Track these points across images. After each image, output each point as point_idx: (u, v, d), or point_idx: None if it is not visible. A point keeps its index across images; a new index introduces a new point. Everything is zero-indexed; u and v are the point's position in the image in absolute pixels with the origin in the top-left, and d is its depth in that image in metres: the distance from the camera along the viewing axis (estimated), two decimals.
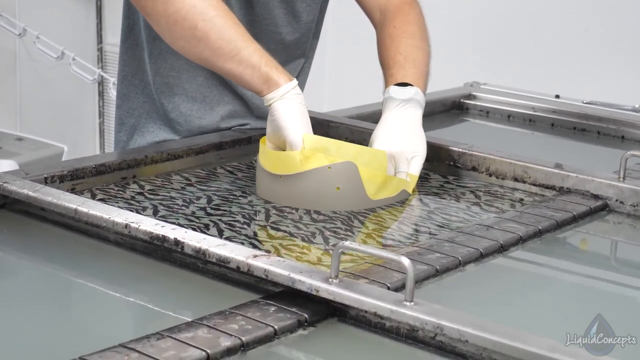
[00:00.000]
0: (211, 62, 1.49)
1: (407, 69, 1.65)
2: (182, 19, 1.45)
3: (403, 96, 1.59)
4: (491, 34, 3.15)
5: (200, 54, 1.49)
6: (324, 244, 1.32)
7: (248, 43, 1.48)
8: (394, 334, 1.07)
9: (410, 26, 1.73)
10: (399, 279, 1.17)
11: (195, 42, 1.47)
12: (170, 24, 1.47)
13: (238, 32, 1.48)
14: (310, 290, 1.10)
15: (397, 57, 1.67)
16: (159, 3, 1.46)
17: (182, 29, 1.46)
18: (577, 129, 2.10)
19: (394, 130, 1.57)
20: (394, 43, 1.70)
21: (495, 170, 1.65)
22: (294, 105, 1.46)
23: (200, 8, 1.45)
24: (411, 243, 1.34)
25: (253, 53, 1.47)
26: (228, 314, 1.07)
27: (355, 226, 1.40)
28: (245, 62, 1.47)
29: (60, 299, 1.23)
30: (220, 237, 1.32)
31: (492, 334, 1.00)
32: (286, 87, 1.46)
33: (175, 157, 1.62)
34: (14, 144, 3.73)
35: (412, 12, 1.77)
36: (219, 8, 1.48)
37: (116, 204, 1.43)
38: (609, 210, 1.54)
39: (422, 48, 1.70)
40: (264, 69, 1.47)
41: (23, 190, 1.38)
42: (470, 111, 2.23)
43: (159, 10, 1.46)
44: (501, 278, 1.31)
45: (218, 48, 1.46)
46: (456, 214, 1.47)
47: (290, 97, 1.46)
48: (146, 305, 1.19)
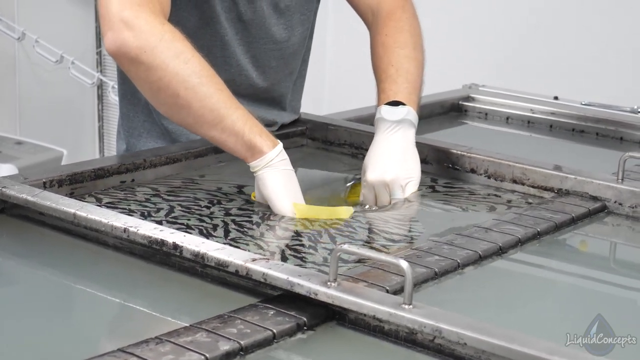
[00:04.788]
0: (194, 128, 1.49)
1: (399, 83, 1.64)
2: (164, 87, 1.44)
3: (395, 117, 1.58)
4: (489, 35, 3.15)
5: (183, 120, 1.49)
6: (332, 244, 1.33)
7: (231, 110, 1.46)
8: (392, 337, 1.07)
9: (402, 34, 1.72)
10: (397, 282, 1.17)
11: (177, 109, 1.46)
12: (154, 91, 1.46)
13: (221, 99, 1.45)
14: (309, 294, 1.10)
15: (389, 69, 1.66)
16: (142, 70, 1.44)
17: (165, 97, 1.45)
18: (575, 130, 2.10)
19: (387, 156, 1.57)
20: (386, 53, 1.69)
21: (494, 173, 1.65)
22: (279, 174, 1.46)
23: (182, 76, 1.43)
24: (407, 246, 1.34)
25: (236, 120, 1.45)
26: (227, 318, 1.07)
27: (358, 227, 1.41)
28: (228, 130, 1.45)
29: (59, 304, 1.23)
30: (225, 238, 1.34)
31: (490, 336, 1.00)
32: (270, 154, 1.45)
33: (174, 160, 1.62)
34: (13, 147, 3.73)
35: (405, 16, 1.75)
36: (202, 75, 1.45)
37: (128, 206, 1.44)
38: (608, 211, 1.54)
39: (414, 58, 1.69)
40: (247, 136, 1.45)
41: (22, 194, 1.38)
42: (468, 113, 2.23)
43: (142, 77, 1.45)
44: (500, 280, 1.31)
45: (201, 116, 1.45)
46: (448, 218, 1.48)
47: (275, 164, 1.46)
48: (145, 309, 1.19)
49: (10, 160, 3.48)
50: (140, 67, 1.43)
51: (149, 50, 1.42)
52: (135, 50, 1.42)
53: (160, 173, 1.61)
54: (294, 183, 1.47)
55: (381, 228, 1.43)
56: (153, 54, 1.42)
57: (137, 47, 1.42)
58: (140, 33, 1.42)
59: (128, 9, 1.42)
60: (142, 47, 1.42)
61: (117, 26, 1.42)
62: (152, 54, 1.42)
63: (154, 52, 1.42)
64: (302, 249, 1.32)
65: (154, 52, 1.42)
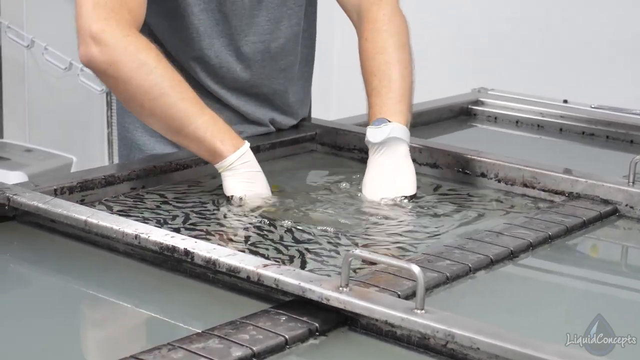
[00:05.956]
0: (164, 134, 1.59)
1: (382, 95, 1.63)
2: (130, 98, 1.53)
3: (378, 139, 1.58)
4: (498, 39, 3.14)
5: (152, 127, 1.60)
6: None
7: (193, 118, 1.52)
8: (405, 342, 1.06)
9: (380, 36, 1.68)
10: (409, 286, 1.16)
11: (145, 118, 1.56)
12: (124, 101, 1.56)
13: (183, 107, 1.52)
14: (320, 299, 1.10)
15: (373, 81, 1.65)
16: (110, 82, 1.53)
17: (133, 106, 1.55)
18: (585, 133, 2.09)
19: (378, 179, 1.58)
20: (368, 61, 1.68)
21: (505, 177, 1.64)
22: (239, 176, 1.52)
23: (144, 88, 1.50)
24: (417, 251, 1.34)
25: (199, 127, 1.51)
26: (239, 324, 1.07)
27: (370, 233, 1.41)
28: (190, 137, 1.53)
29: (71, 310, 1.23)
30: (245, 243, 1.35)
31: (503, 341, 1.00)
32: (230, 158, 1.52)
33: (184, 167, 1.62)
34: (22, 155, 3.74)
35: (382, 13, 1.70)
36: (164, 85, 1.51)
37: (140, 214, 1.45)
38: (619, 215, 1.53)
39: (397, 60, 1.66)
40: (208, 142, 1.52)
41: (33, 202, 1.38)
42: (478, 117, 2.23)
43: (112, 88, 1.56)
44: (511, 285, 1.30)
45: (165, 124, 1.54)
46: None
47: (236, 166, 1.52)
48: (157, 315, 1.19)
49: (20, 167, 3.49)
50: (109, 80, 1.53)
51: (113, 64, 1.50)
52: (101, 65, 1.51)
53: (170, 179, 1.61)
54: (255, 183, 1.53)
55: (397, 232, 1.43)
56: (117, 68, 1.51)
57: (103, 61, 1.50)
58: (105, 47, 1.50)
59: (95, 22, 1.51)
60: (107, 62, 1.50)
61: (86, 41, 1.51)
62: (116, 67, 1.51)
63: (117, 66, 1.50)
64: (322, 253, 1.32)
65: (118, 65, 1.50)
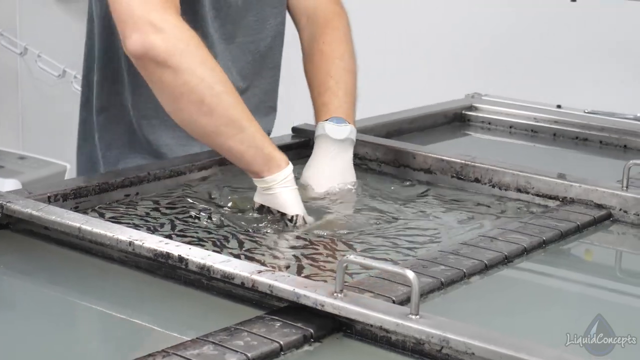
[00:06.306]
0: (212, 137, 1.47)
1: (339, 96, 1.65)
2: (189, 91, 1.42)
3: (339, 136, 1.60)
4: (491, 44, 3.15)
5: (203, 128, 1.46)
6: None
7: (251, 123, 1.46)
8: (400, 348, 1.06)
9: (341, 45, 1.72)
10: (403, 292, 1.16)
11: (199, 116, 1.44)
12: (177, 95, 1.43)
13: (243, 110, 1.46)
14: (315, 305, 1.10)
15: (329, 81, 1.67)
16: (168, 73, 1.42)
17: (188, 102, 1.43)
18: (579, 138, 2.10)
19: (327, 175, 1.58)
20: (325, 63, 1.69)
21: (499, 182, 1.64)
22: (294, 192, 1.47)
23: (209, 83, 1.42)
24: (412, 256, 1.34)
25: (256, 133, 1.46)
26: (233, 330, 1.07)
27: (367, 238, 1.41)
28: (247, 142, 1.45)
29: (65, 318, 1.23)
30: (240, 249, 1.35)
31: (498, 345, 1.00)
32: (286, 171, 1.46)
33: (178, 173, 1.62)
34: (16, 162, 3.73)
35: (341, 24, 1.75)
36: (226, 84, 1.45)
37: (131, 221, 1.44)
38: (613, 220, 1.53)
39: (351, 70, 1.71)
40: (267, 149, 1.45)
41: (26, 209, 1.38)
42: (471, 122, 2.23)
43: (167, 81, 1.43)
44: (506, 290, 1.30)
45: (222, 124, 1.44)
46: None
47: (288, 182, 1.47)
48: (151, 323, 1.19)
49: (13, 175, 3.48)
50: (167, 71, 1.42)
51: (177, 54, 1.41)
52: (163, 54, 1.41)
53: (164, 186, 1.60)
54: (299, 198, 1.49)
55: (396, 237, 1.43)
56: (181, 58, 1.41)
57: (165, 50, 1.41)
58: (169, 36, 1.41)
59: (154, 11, 1.42)
60: (171, 51, 1.41)
61: (145, 28, 1.41)
62: (180, 58, 1.41)
63: (182, 56, 1.41)
64: (319, 258, 1.32)
65: (182, 56, 1.41)
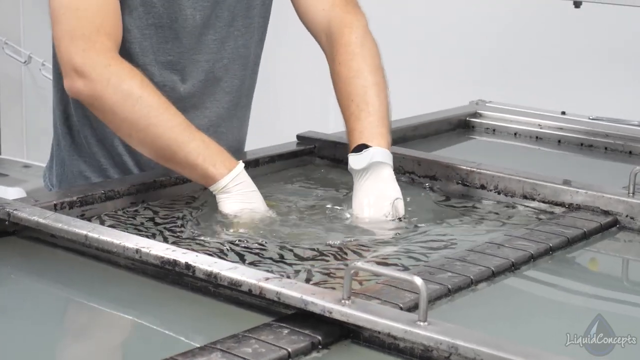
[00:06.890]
0: (156, 161, 1.57)
1: (362, 120, 1.62)
2: (117, 129, 1.56)
3: (360, 166, 1.57)
4: (495, 51, 3.15)
5: (143, 154, 1.58)
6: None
7: (183, 145, 1.51)
8: (408, 355, 1.06)
9: (355, 60, 1.67)
10: (411, 299, 1.16)
11: (135, 146, 1.57)
12: (114, 130, 1.58)
13: (172, 135, 1.51)
14: (323, 312, 1.10)
15: (351, 106, 1.64)
16: (98, 113, 1.55)
17: (122, 136, 1.57)
18: (584, 145, 2.10)
19: (365, 202, 1.55)
20: (344, 86, 1.66)
21: (504, 188, 1.64)
22: (232, 197, 1.51)
23: (130, 121, 1.52)
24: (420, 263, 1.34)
25: (190, 153, 1.51)
26: (241, 338, 1.07)
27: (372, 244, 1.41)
28: (182, 163, 1.52)
29: (72, 326, 1.23)
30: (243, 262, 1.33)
31: (507, 352, 1.00)
32: (223, 181, 1.50)
33: (184, 181, 1.62)
34: (20, 171, 3.74)
35: (354, 36, 1.69)
36: (150, 115, 1.51)
37: (125, 230, 1.43)
38: (620, 226, 1.53)
39: (373, 84, 1.65)
40: (200, 168, 1.51)
41: (33, 217, 1.38)
42: (476, 129, 2.23)
43: (101, 118, 1.56)
44: (513, 297, 1.30)
45: (155, 153, 1.54)
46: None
47: (230, 189, 1.51)
48: (159, 330, 1.19)
49: (18, 183, 3.49)
50: (96, 112, 1.56)
51: (98, 97, 1.52)
52: (87, 99, 1.54)
53: (170, 193, 1.60)
54: (252, 202, 1.51)
55: (401, 244, 1.43)
56: (102, 101, 1.52)
57: (88, 95, 1.53)
58: (88, 81, 1.52)
59: (75, 54, 1.53)
60: (92, 95, 1.52)
61: (70, 74, 1.54)
62: (101, 101, 1.52)
63: (102, 100, 1.52)
64: (330, 266, 1.32)
65: (102, 99, 1.52)
